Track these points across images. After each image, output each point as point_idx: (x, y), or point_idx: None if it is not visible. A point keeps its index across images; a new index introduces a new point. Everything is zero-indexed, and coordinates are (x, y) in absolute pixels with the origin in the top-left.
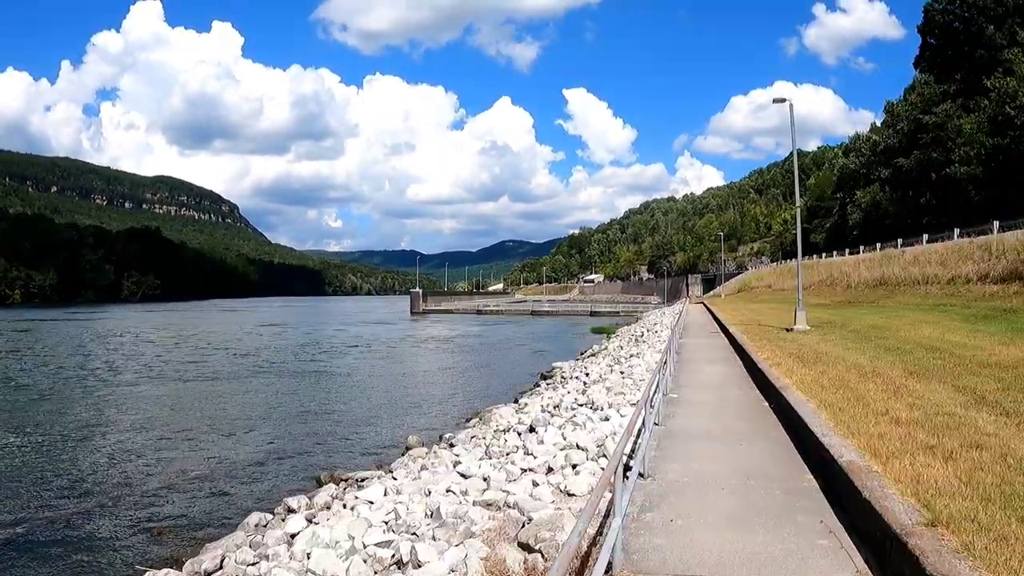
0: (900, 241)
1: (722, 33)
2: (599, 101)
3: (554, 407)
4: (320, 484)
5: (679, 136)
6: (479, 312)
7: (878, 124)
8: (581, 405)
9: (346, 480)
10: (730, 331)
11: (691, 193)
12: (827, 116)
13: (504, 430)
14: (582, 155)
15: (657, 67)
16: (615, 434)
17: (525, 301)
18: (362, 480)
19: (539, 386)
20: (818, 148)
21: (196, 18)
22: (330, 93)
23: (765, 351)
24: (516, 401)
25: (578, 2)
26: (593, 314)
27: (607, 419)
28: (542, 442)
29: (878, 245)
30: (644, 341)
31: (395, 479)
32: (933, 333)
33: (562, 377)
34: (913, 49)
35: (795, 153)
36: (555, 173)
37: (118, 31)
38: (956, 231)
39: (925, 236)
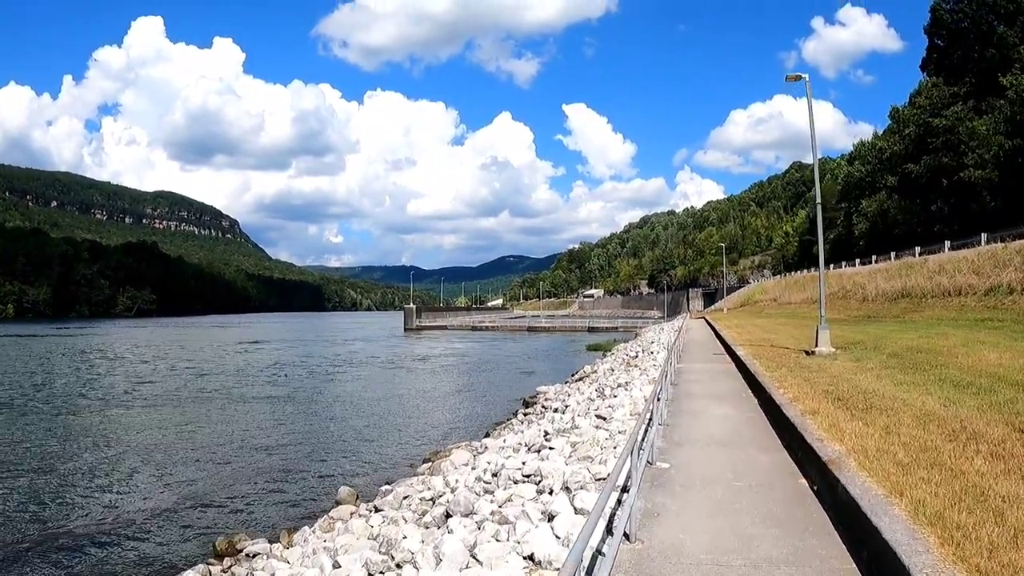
0: (919, 249)
1: (721, 47)
2: (599, 116)
3: (493, 475)
4: (216, 554)
5: (679, 150)
6: (474, 328)
7: (880, 134)
8: (527, 477)
9: (239, 553)
10: (737, 354)
11: (691, 207)
12: (827, 129)
13: (433, 498)
14: (582, 170)
15: (656, 82)
16: (551, 563)
17: (523, 317)
18: (254, 556)
19: (516, 417)
20: (819, 160)
21: (197, 34)
22: (331, 109)
23: (788, 385)
24: (487, 435)
25: (578, 17)
26: (591, 330)
27: (551, 517)
28: (440, 560)
29: (892, 254)
30: (636, 365)
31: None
32: (1004, 359)
33: (542, 406)
34: (913, 61)
35: (814, 138)
36: (555, 188)
37: (120, 46)
38: (983, 236)
39: (947, 243)
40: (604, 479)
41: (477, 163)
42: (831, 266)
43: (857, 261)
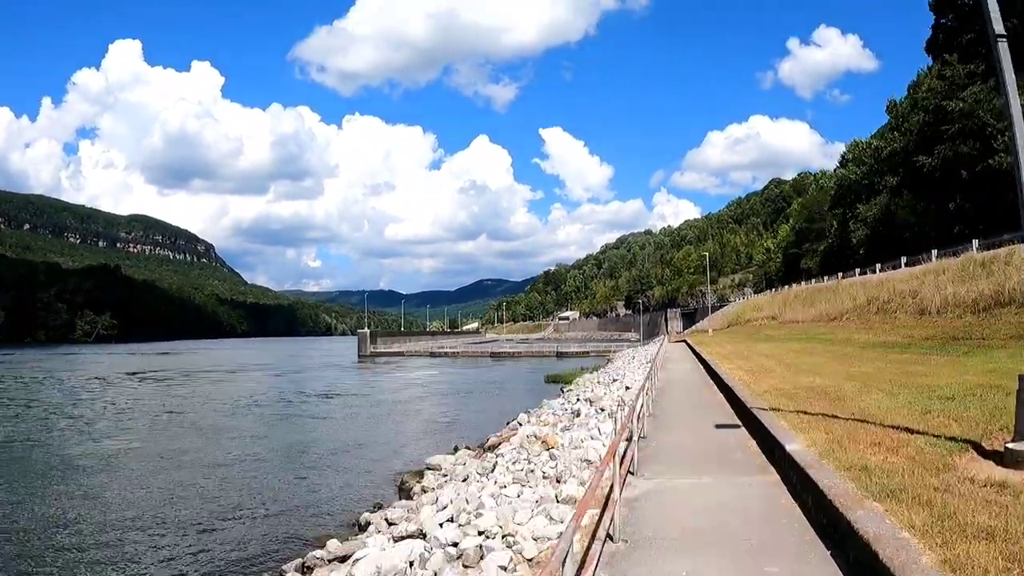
0: (976, 243)
1: (698, 69)
2: (575, 140)
3: None
4: None
5: (656, 172)
6: (432, 355)
7: (876, 133)
8: None
9: None
10: (789, 449)
11: (668, 226)
12: (803, 150)
13: None
14: (560, 193)
15: (633, 104)
16: None
17: (490, 341)
18: None
19: (380, 510)
20: (798, 174)
21: (175, 57)
22: (310, 133)
23: None
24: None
25: (557, 41)
26: (560, 355)
27: None
28: None
29: (934, 253)
30: (583, 424)
31: None
32: None
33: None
34: (888, 80)
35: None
36: (533, 211)
37: (98, 69)
38: None
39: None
40: None
41: (455, 187)
42: (839, 274)
43: (857, 271)
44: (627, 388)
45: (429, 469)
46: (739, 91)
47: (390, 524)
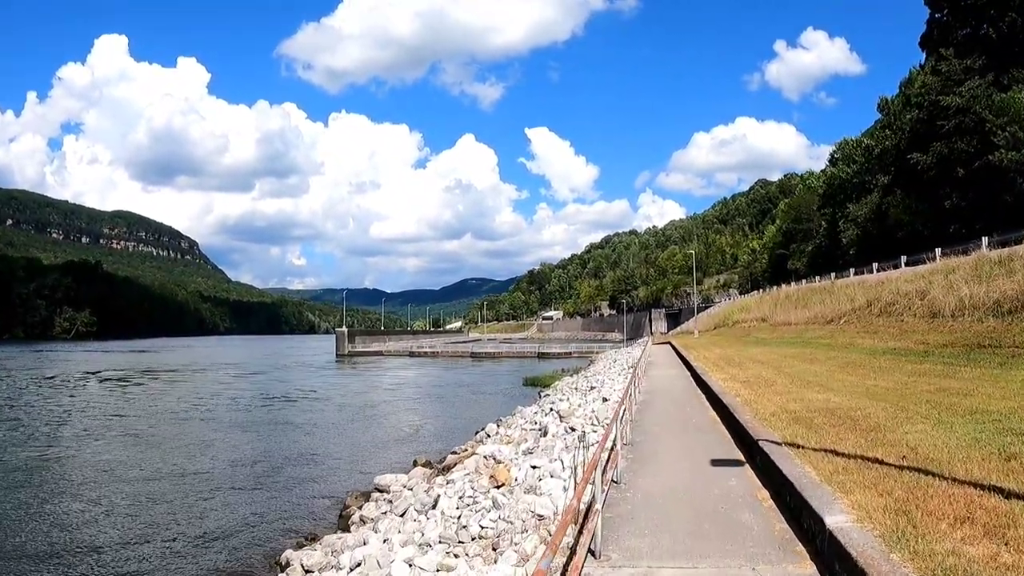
0: (987, 240)
1: (685, 70)
2: (561, 140)
3: None
4: None
5: (641, 173)
6: (412, 354)
7: (867, 131)
8: None
9: None
10: (831, 525)
11: (653, 226)
12: (789, 152)
13: None
14: (545, 193)
15: (619, 104)
16: None
17: (470, 341)
18: None
19: (305, 548)
20: (785, 175)
21: (161, 53)
22: (296, 131)
23: None
24: None
25: (544, 41)
26: (541, 356)
27: None
28: None
29: (937, 251)
30: (547, 448)
31: None
32: None
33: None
34: (875, 84)
35: None
36: (519, 211)
37: (83, 64)
38: None
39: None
40: None
41: (441, 186)
42: (832, 275)
43: (852, 271)
44: (604, 400)
45: (378, 490)
46: (726, 92)
47: (306, 573)
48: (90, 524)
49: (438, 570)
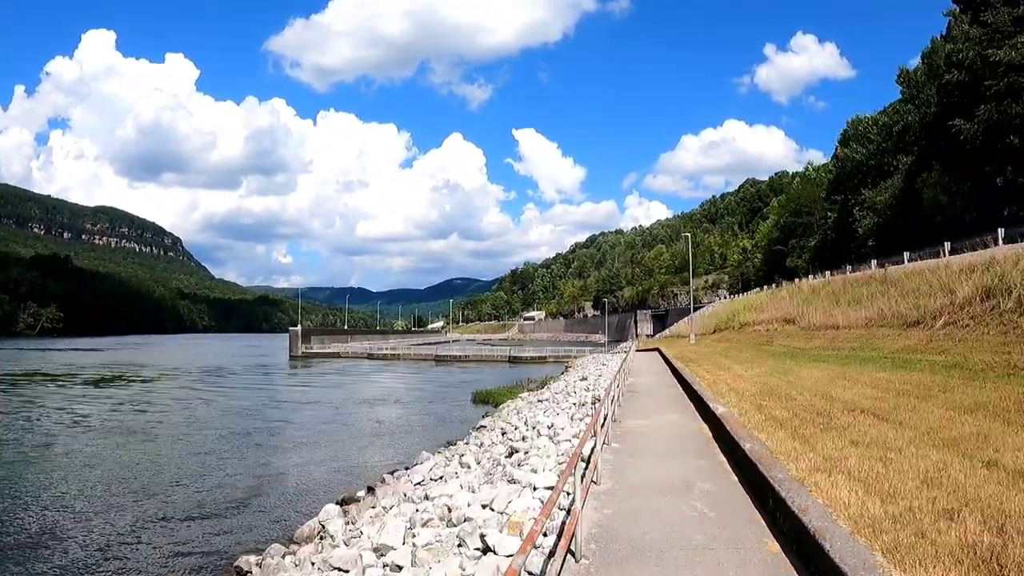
0: None
1: (675, 73)
2: (548, 142)
3: None
4: None
5: (628, 175)
6: (370, 357)
7: (884, 110)
8: None
9: None
10: None
11: (640, 225)
12: (778, 156)
13: None
14: (533, 195)
15: (608, 107)
16: None
17: (457, 341)
18: None
19: None
20: (776, 174)
21: (149, 49)
22: (284, 128)
23: None
24: None
25: (534, 42)
26: (512, 361)
27: None
28: None
29: (1000, 232)
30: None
31: None
32: None
33: None
34: (864, 89)
35: None
36: (506, 211)
37: (71, 58)
38: None
39: None
40: None
41: (428, 185)
42: (866, 264)
43: (873, 262)
44: (532, 490)
45: None
46: (715, 95)
47: None
48: None
49: None
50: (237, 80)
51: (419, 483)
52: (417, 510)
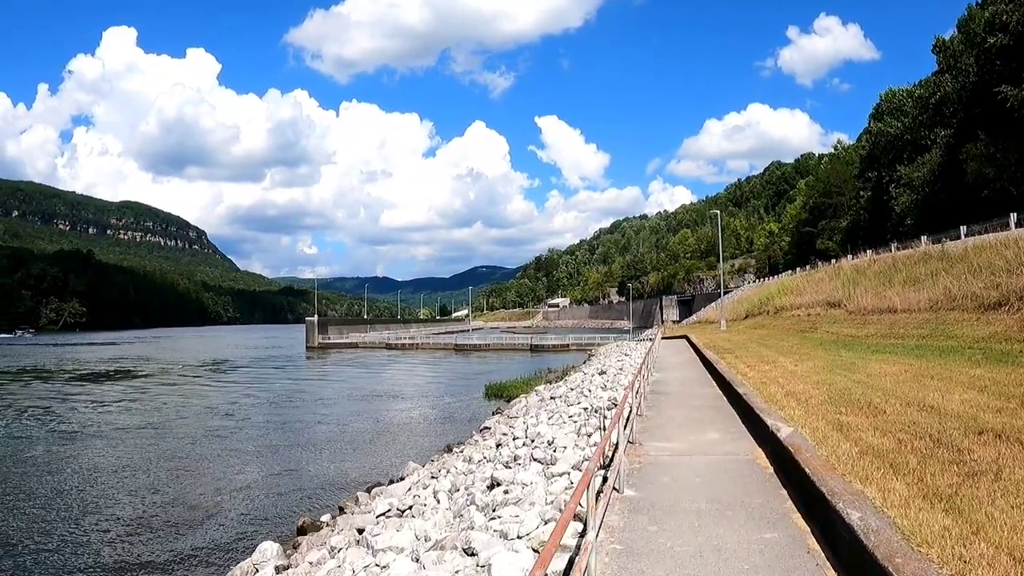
0: None
1: (697, 57)
2: (571, 128)
3: None
4: None
5: (652, 160)
6: (389, 347)
7: (919, 83)
8: None
9: None
10: None
11: (664, 210)
12: (803, 139)
13: None
14: (556, 182)
15: (630, 92)
16: None
17: (480, 329)
18: None
19: None
20: (801, 155)
21: (170, 44)
22: (307, 120)
23: None
24: None
25: (555, 29)
26: (534, 350)
27: None
28: None
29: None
30: None
31: None
32: None
33: None
34: (888, 71)
35: None
36: (530, 199)
37: (93, 55)
38: None
39: None
40: None
41: (451, 174)
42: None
43: (924, 238)
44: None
45: None
46: (738, 79)
47: None
48: None
49: None
50: (259, 73)
51: (382, 515)
52: (354, 571)
